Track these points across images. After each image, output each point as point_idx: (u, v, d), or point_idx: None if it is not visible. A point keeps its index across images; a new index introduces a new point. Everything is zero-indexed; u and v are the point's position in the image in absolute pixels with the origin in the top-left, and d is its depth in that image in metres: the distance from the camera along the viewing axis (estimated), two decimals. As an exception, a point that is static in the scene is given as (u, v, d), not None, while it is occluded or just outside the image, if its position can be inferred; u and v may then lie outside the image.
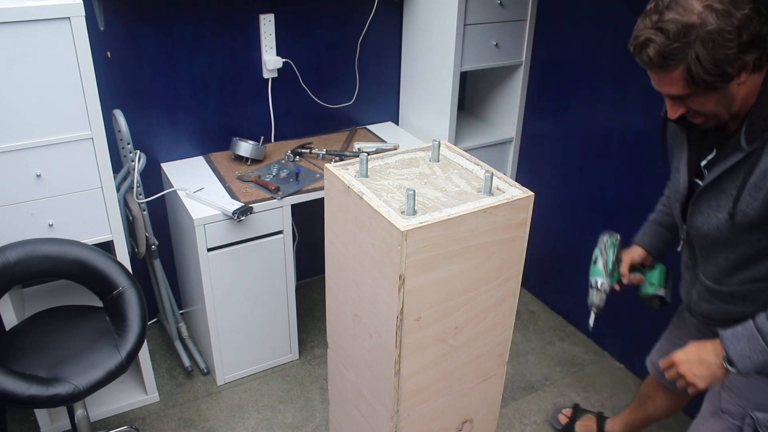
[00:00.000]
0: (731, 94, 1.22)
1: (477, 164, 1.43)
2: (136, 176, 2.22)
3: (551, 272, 2.97)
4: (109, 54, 2.28)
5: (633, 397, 2.16)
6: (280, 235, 2.37)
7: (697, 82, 1.18)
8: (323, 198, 1.47)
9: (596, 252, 1.74)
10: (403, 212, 1.22)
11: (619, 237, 1.74)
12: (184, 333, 2.68)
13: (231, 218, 2.19)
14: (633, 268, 1.75)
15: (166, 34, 2.35)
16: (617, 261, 1.72)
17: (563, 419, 2.37)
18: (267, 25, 2.50)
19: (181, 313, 2.72)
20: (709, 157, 1.37)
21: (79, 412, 1.92)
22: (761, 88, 1.22)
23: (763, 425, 1.43)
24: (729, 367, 1.32)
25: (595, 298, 1.73)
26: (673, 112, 1.28)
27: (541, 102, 2.77)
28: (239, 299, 2.39)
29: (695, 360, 1.38)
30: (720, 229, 1.33)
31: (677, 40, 1.15)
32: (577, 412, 2.37)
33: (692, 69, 1.16)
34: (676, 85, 1.21)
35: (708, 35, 1.13)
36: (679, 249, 1.59)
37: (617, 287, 1.75)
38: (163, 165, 2.53)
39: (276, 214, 2.31)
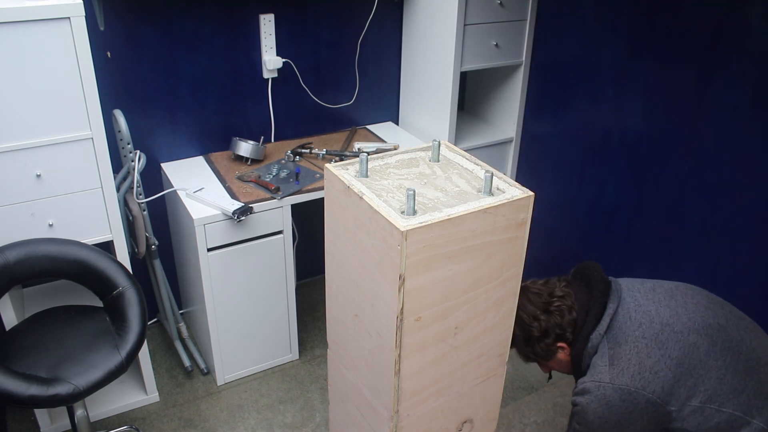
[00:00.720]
0: (563, 360, 1.68)
1: (477, 164, 1.43)
2: (136, 176, 2.22)
3: (551, 272, 2.96)
4: (109, 54, 2.28)
5: None
6: (280, 235, 2.37)
7: (529, 359, 1.73)
8: (323, 198, 1.47)
9: None
10: (403, 212, 1.22)
11: None
12: (184, 333, 2.68)
13: (231, 218, 2.19)
14: None
15: (166, 34, 2.35)
16: None
17: None
18: (267, 25, 2.50)
19: (181, 313, 2.72)
20: None
21: (79, 412, 1.92)
22: (570, 358, 1.66)
23: None
24: None
25: None
26: (542, 370, 1.80)
27: (541, 102, 2.77)
28: (239, 299, 2.39)
29: None
30: None
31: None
32: None
33: (519, 352, 1.72)
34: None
35: (521, 325, 1.61)
36: None
37: None
38: (163, 165, 2.53)
39: (276, 214, 2.31)
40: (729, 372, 1.52)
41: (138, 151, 2.23)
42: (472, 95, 3.09)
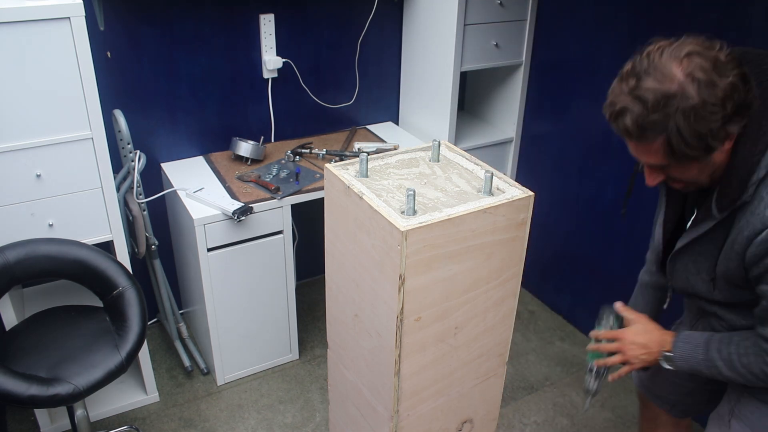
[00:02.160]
0: (713, 163, 1.16)
1: (477, 164, 1.43)
2: (136, 176, 2.22)
3: (551, 272, 2.97)
4: (109, 54, 2.28)
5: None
6: (280, 235, 2.37)
7: (677, 154, 1.11)
8: (323, 198, 1.47)
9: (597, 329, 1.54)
10: (403, 212, 1.22)
11: (618, 309, 1.53)
12: (184, 333, 2.68)
13: (231, 218, 2.19)
14: None
15: (166, 34, 2.35)
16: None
17: None
18: (267, 25, 2.50)
19: (181, 313, 2.72)
20: (693, 217, 1.32)
21: (79, 412, 1.92)
22: (732, 154, 1.15)
23: None
24: (664, 363, 1.39)
25: (593, 384, 1.55)
26: (652, 179, 1.24)
27: (541, 102, 2.77)
28: (239, 299, 2.39)
29: (641, 343, 1.42)
30: (708, 290, 1.32)
31: (656, 110, 1.07)
32: None
33: (672, 142, 1.09)
34: (655, 156, 1.14)
35: (690, 108, 1.05)
36: (665, 307, 1.58)
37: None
38: (163, 165, 2.53)
39: (276, 214, 2.31)
40: None
41: (138, 151, 2.23)
42: (472, 95, 3.09)
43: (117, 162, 2.19)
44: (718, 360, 1.29)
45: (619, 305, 1.52)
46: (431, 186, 1.34)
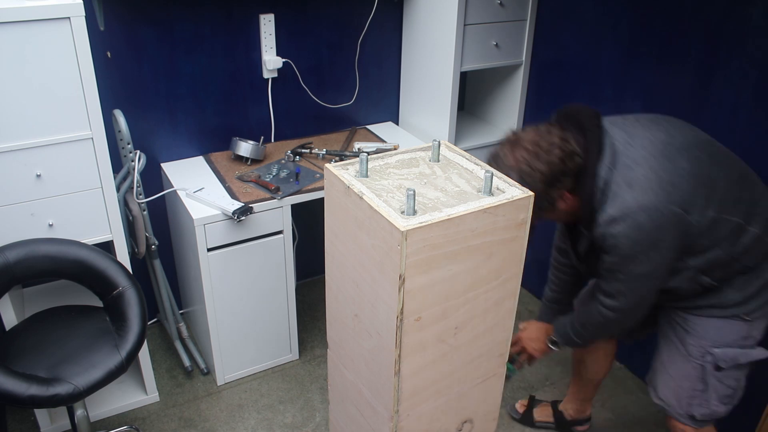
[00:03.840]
0: (562, 210, 1.63)
1: (477, 164, 1.43)
2: (136, 176, 2.22)
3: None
4: (109, 54, 2.28)
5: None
6: (280, 235, 2.37)
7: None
8: (323, 198, 1.47)
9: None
10: (403, 212, 1.22)
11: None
12: (184, 333, 2.68)
13: (231, 218, 2.19)
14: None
15: (166, 34, 2.35)
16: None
17: (521, 408, 2.45)
18: (267, 25, 2.50)
19: (181, 313, 2.72)
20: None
21: (79, 412, 1.92)
22: (579, 201, 1.60)
23: (721, 359, 1.70)
24: (552, 346, 1.95)
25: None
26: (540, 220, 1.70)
27: (541, 102, 2.77)
28: (239, 299, 2.39)
29: (534, 338, 2.00)
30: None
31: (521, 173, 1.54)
32: (533, 401, 2.46)
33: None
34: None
35: (521, 180, 1.48)
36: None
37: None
38: (163, 165, 2.53)
39: (276, 214, 2.31)
40: (730, 182, 1.59)
41: (138, 151, 2.23)
42: (472, 95, 3.09)
43: (117, 162, 2.19)
44: (579, 328, 1.82)
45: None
46: (431, 186, 1.34)
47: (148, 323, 1.96)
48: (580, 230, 1.69)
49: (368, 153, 1.43)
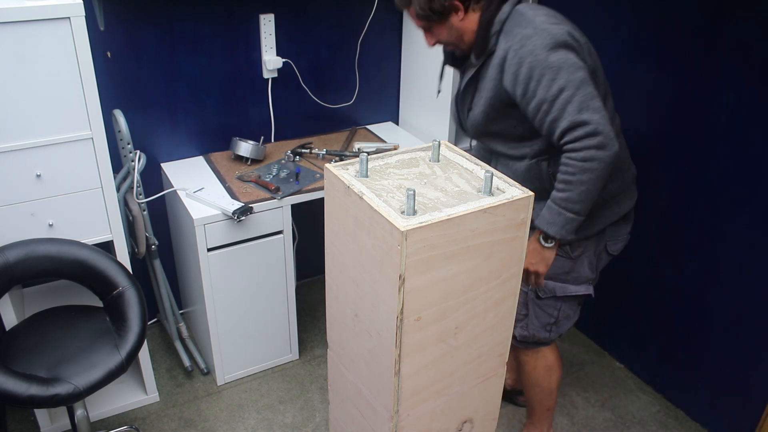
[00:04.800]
0: (457, 28, 1.68)
1: (477, 164, 1.43)
2: (136, 176, 2.22)
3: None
4: (109, 54, 2.28)
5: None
6: (280, 235, 2.37)
7: (421, 17, 1.68)
8: (323, 198, 1.47)
9: None
10: (403, 212, 1.22)
11: None
12: (184, 333, 2.68)
13: (231, 218, 2.19)
14: None
15: (166, 34, 2.35)
16: None
17: None
18: (267, 25, 2.50)
19: (181, 313, 2.72)
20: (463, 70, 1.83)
21: (79, 412, 1.92)
22: (478, 23, 1.67)
23: (540, 289, 1.84)
24: (544, 243, 1.70)
25: None
26: (427, 41, 1.77)
27: (541, 102, 2.76)
28: (239, 299, 2.39)
29: (530, 255, 1.74)
30: (476, 123, 1.78)
31: None
32: None
33: (415, 7, 1.66)
34: (415, 20, 1.71)
35: None
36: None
37: None
38: (163, 165, 2.53)
39: (276, 214, 2.31)
40: (608, 95, 1.77)
41: (138, 151, 2.23)
42: (472, 95, 3.09)
43: (117, 162, 2.19)
44: (568, 194, 1.60)
45: None
46: (431, 186, 1.34)
47: (148, 323, 1.96)
48: (467, 62, 1.75)
49: (368, 153, 1.43)
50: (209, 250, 2.24)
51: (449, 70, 2.03)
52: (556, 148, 1.63)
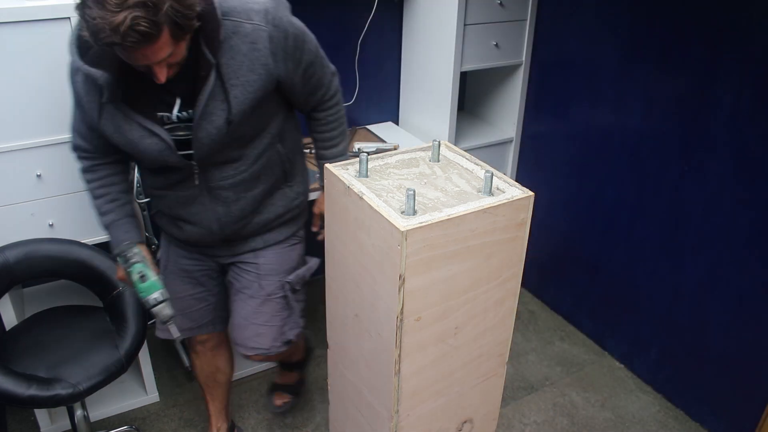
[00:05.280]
0: (179, 49, 1.33)
1: (477, 164, 1.43)
2: (136, 176, 2.22)
3: (551, 272, 2.97)
4: (109, 54, 2.28)
5: None
6: (280, 235, 2.36)
7: (183, 31, 1.27)
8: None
9: (134, 271, 1.63)
10: (403, 212, 1.22)
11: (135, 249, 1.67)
12: (184, 333, 2.68)
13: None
14: None
15: (166, 34, 2.35)
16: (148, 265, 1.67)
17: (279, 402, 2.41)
18: (267, 25, 2.50)
19: (181, 313, 2.71)
20: (178, 103, 1.46)
21: (79, 413, 1.92)
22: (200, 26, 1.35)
23: (295, 282, 1.90)
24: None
25: (165, 311, 1.63)
26: (164, 75, 1.34)
27: (541, 102, 2.77)
28: (239, 299, 2.39)
29: (321, 202, 1.85)
30: (221, 136, 1.50)
31: (156, 4, 1.19)
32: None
33: (177, 22, 1.24)
34: (165, 46, 1.27)
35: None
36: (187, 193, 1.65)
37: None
38: (163, 165, 2.52)
39: (276, 214, 2.31)
40: None
41: (138, 151, 2.23)
42: (472, 95, 3.09)
43: (117, 162, 2.19)
44: (336, 144, 1.98)
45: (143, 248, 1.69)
46: (431, 186, 1.34)
47: (148, 323, 1.96)
48: (192, 71, 1.42)
49: (368, 153, 1.43)
50: (209, 250, 2.23)
51: None
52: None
